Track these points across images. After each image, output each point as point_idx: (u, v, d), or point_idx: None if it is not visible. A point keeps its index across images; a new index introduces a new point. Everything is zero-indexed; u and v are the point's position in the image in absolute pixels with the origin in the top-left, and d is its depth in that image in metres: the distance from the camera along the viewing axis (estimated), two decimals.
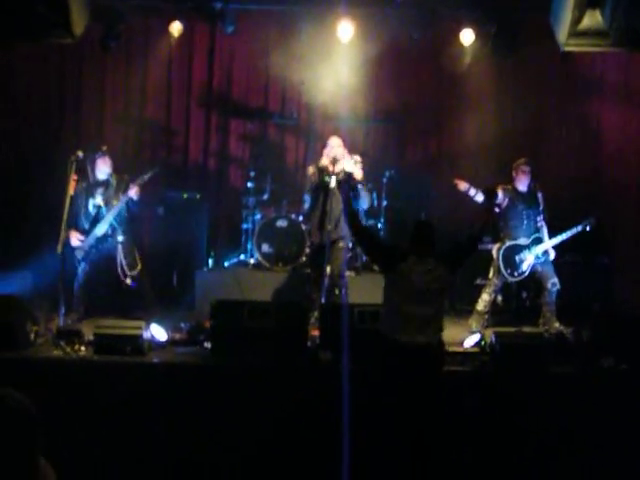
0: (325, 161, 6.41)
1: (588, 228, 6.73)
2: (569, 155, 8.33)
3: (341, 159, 6.35)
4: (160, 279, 7.49)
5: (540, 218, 6.78)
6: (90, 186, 6.60)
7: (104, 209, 6.57)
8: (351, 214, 4.93)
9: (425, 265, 4.52)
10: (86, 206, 6.58)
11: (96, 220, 6.57)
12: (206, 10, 7.73)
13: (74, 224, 6.51)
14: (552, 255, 6.73)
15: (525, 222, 6.72)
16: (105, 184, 6.62)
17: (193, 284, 7.37)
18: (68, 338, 5.48)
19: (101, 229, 6.55)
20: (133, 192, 6.50)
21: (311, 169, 6.57)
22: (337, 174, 6.31)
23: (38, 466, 2.10)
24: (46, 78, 8.21)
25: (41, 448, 2.11)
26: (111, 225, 6.57)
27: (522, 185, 6.74)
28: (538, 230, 6.75)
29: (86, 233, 6.54)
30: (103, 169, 6.61)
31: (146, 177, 6.56)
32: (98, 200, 6.59)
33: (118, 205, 6.55)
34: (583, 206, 7.56)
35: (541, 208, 6.79)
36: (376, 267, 7.04)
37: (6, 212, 7.97)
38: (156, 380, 5.20)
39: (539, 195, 6.79)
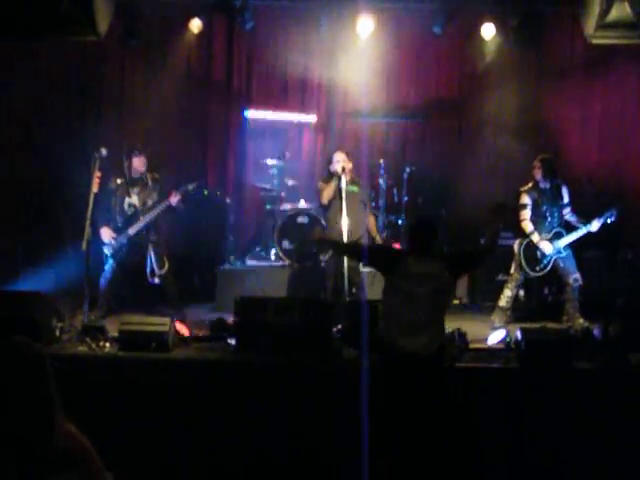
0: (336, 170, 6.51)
1: (610, 220, 6.64)
2: (592, 149, 8.27)
3: (347, 170, 6.51)
4: (181, 275, 7.48)
5: (567, 211, 6.73)
6: (126, 184, 6.61)
7: (140, 209, 6.60)
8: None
9: (424, 266, 4.40)
10: (122, 204, 6.59)
11: (131, 219, 6.58)
12: (226, 6, 7.74)
13: (107, 221, 6.54)
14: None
15: (548, 219, 6.67)
16: (141, 183, 6.64)
17: (214, 280, 7.39)
18: (93, 334, 5.49)
19: (135, 229, 6.57)
20: (174, 200, 6.51)
21: (322, 185, 6.63)
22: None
23: (56, 418, 2.11)
24: (67, 75, 8.24)
25: (59, 401, 2.13)
26: (145, 225, 6.61)
27: (543, 181, 6.67)
28: (561, 225, 6.71)
29: (119, 231, 6.56)
30: (138, 168, 6.62)
31: (190, 187, 6.59)
32: (134, 199, 6.60)
33: (156, 209, 6.56)
34: (606, 200, 7.48)
35: (566, 202, 6.73)
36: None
37: (29, 210, 8.02)
38: (181, 376, 5.21)
39: (563, 189, 6.73)
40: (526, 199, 6.63)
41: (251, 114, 8.29)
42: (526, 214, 6.63)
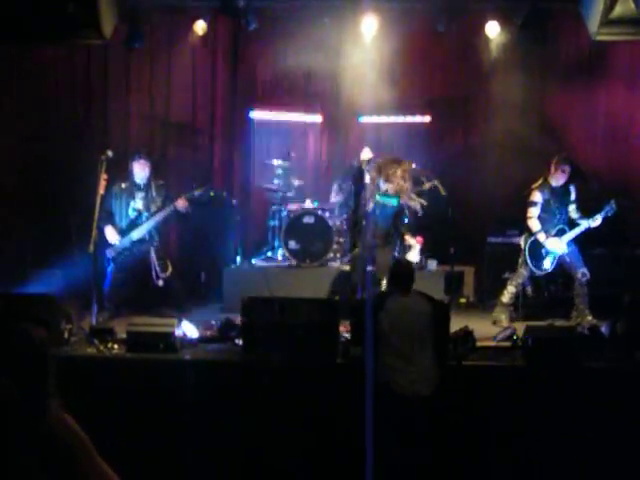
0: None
1: (610, 214, 6.63)
2: (598, 145, 8.25)
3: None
4: (188, 276, 7.54)
5: (572, 208, 6.72)
6: (130, 187, 6.66)
7: (144, 214, 6.64)
8: None
9: (410, 303, 4.74)
10: (126, 207, 6.66)
11: (134, 224, 6.63)
12: (230, 8, 7.74)
13: (110, 222, 6.60)
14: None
15: (557, 216, 6.68)
16: (145, 188, 6.69)
17: (221, 281, 7.41)
18: (101, 336, 5.54)
19: (139, 234, 6.63)
20: (180, 204, 6.56)
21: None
22: None
23: (50, 408, 2.14)
24: (72, 78, 8.27)
25: (56, 392, 2.16)
26: (149, 230, 6.63)
27: (557, 182, 6.67)
28: (566, 222, 6.70)
29: (122, 234, 6.61)
30: (139, 173, 6.67)
31: (196, 193, 6.65)
32: (139, 204, 6.66)
33: (161, 214, 6.62)
34: (610, 197, 7.47)
35: (573, 198, 6.73)
36: None
37: (36, 212, 8.06)
38: (188, 377, 5.24)
39: (571, 187, 6.73)
40: (538, 197, 6.62)
41: (256, 115, 8.31)
42: (534, 212, 6.62)
